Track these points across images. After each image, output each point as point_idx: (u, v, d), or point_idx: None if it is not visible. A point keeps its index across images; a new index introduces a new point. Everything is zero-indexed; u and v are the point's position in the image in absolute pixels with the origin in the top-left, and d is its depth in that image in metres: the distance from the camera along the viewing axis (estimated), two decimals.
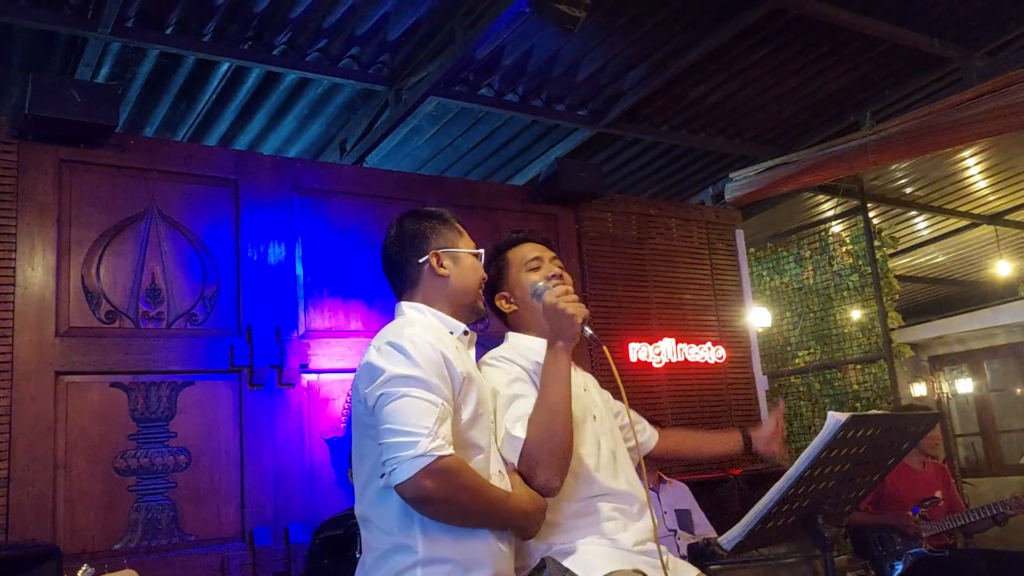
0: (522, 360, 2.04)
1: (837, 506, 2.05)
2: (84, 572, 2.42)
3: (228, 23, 4.15)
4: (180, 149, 4.29)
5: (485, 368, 2.03)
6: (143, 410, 3.65)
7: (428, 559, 1.69)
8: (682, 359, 5.29)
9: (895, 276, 6.58)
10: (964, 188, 7.24)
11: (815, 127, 5.98)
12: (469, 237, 2.07)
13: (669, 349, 5.25)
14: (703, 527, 4.04)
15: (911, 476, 4.18)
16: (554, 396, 1.85)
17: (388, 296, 2.05)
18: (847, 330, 6.53)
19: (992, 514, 4.00)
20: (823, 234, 6.79)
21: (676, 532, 3.88)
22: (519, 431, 1.85)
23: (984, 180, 7.11)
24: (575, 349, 1.94)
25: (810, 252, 6.87)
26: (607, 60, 4.86)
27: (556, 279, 2.11)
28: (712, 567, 3.20)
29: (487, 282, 2.10)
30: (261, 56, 4.38)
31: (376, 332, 1.86)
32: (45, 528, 3.34)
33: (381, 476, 1.70)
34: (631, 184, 6.61)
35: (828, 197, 6.67)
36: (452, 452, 1.65)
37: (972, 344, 9.97)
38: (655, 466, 4.03)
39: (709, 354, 5.43)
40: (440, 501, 1.64)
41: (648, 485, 2.08)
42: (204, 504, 3.69)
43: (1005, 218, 8.13)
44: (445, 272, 1.97)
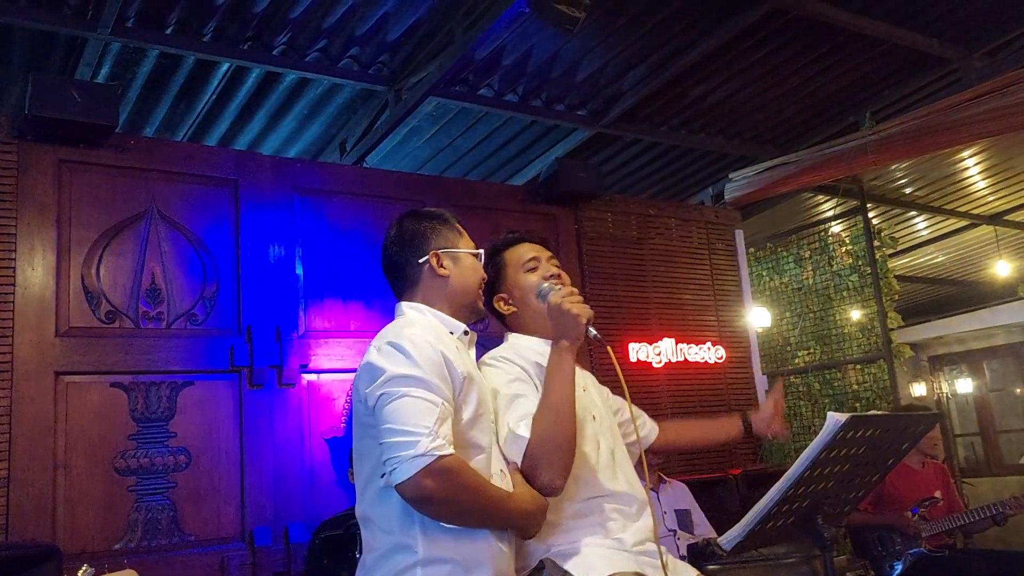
0: (522, 360, 2.03)
1: (837, 506, 2.05)
2: (84, 572, 2.42)
3: (228, 23, 4.15)
4: (180, 149, 4.29)
5: (485, 368, 2.02)
6: (143, 410, 3.65)
7: (428, 559, 1.69)
8: (682, 359, 5.30)
9: (895, 276, 6.57)
10: (963, 188, 7.24)
11: (815, 127, 5.98)
12: (469, 237, 2.07)
13: (669, 349, 5.26)
14: (703, 527, 4.04)
15: (910, 476, 4.18)
16: (558, 396, 1.85)
17: (388, 296, 2.05)
18: (847, 330, 6.53)
19: (991, 514, 4.00)
20: (823, 234, 6.79)
21: (676, 532, 3.89)
22: (523, 430, 1.84)
23: (983, 180, 7.11)
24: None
25: (810, 252, 6.86)
26: (607, 60, 4.86)
27: (554, 279, 2.11)
28: (712, 567, 3.20)
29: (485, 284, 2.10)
30: (261, 56, 4.39)
31: (376, 332, 1.86)
32: (45, 528, 3.34)
33: (382, 476, 1.70)
34: (631, 184, 6.61)
35: (828, 197, 6.67)
36: (452, 452, 1.65)
37: (971, 344, 9.98)
38: (655, 466, 4.03)
39: (709, 354, 5.43)
40: (440, 501, 1.64)
41: (648, 485, 2.08)
42: (204, 504, 3.70)
43: (1004, 218, 8.13)
44: (445, 272, 1.97)
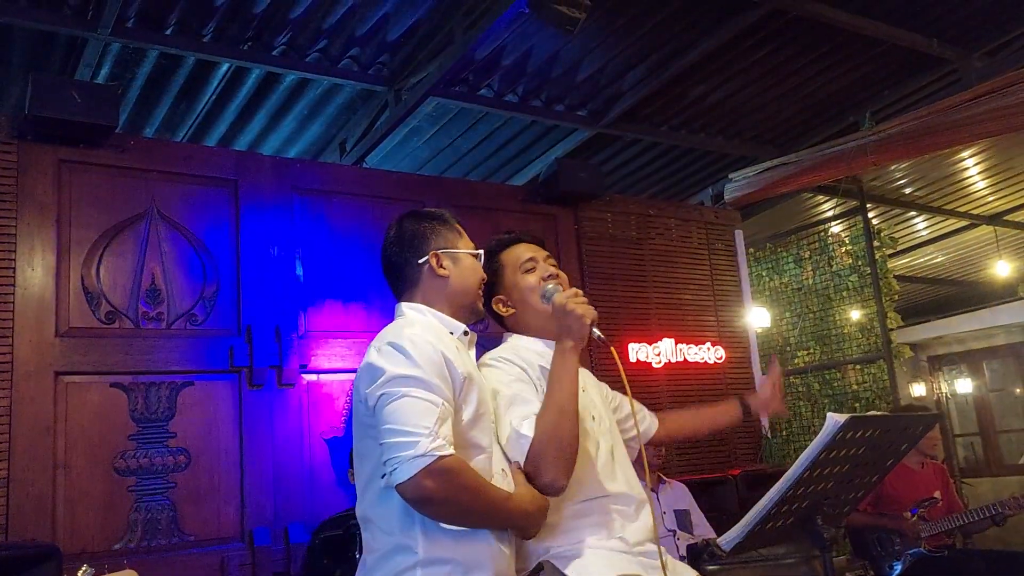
0: (521, 361, 2.03)
1: (836, 507, 2.06)
2: (84, 572, 2.42)
3: (228, 24, 4.15)
4: (180, 149, 4.29)
5: (485, 368, 2.02)
6: (143, 410, 3.65)
7: (428, 560, 1.69)
8: (681, 359, 5.30)
9: (894, 276, 6.56)
10: (963, 189, 7.24)
11: (814, 127, 5.98)
12: (468, 238, 2.07)
13: (668, 349, 5.26)
14: (702, 528, 4.04)
15: (910, 476, 4.18)
16: (562, 396, 1.86)
17: (387, 296, 2.05)
18: (846, 330, 6.52)
19: (991, 514, 4.00)
20: (822, 234, 6.78)
21: (675, 533, 3.88)
22: (527, 429, 1.85)
23: (983, 180, 7.11)
24: None
25: (809, 252, 6.86)
26: (607, 60, 4.86)
27: (552, 278, 2.11)
28: (711, 567, 3.20)
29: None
30: (261, 57, 4.39)
31: (376, 332, 1.86)
32: (45, 528, 3.34)
33: (382, 476, 1.71)
34: (630, 184, 6.61)
35: (827, 198, 6.66)
36: (453, 452, 1.65)
37: (971, 344, 9.98)
38: (656, 467, 4.03)
39: (708, 354, 5.43)
40: (441, 501, 1.64)
41: (648, 485, 2.08)
42: (204, 504, 3.70)
43: (1004, 218, 8.13)
44: (445, 273, 1.97)
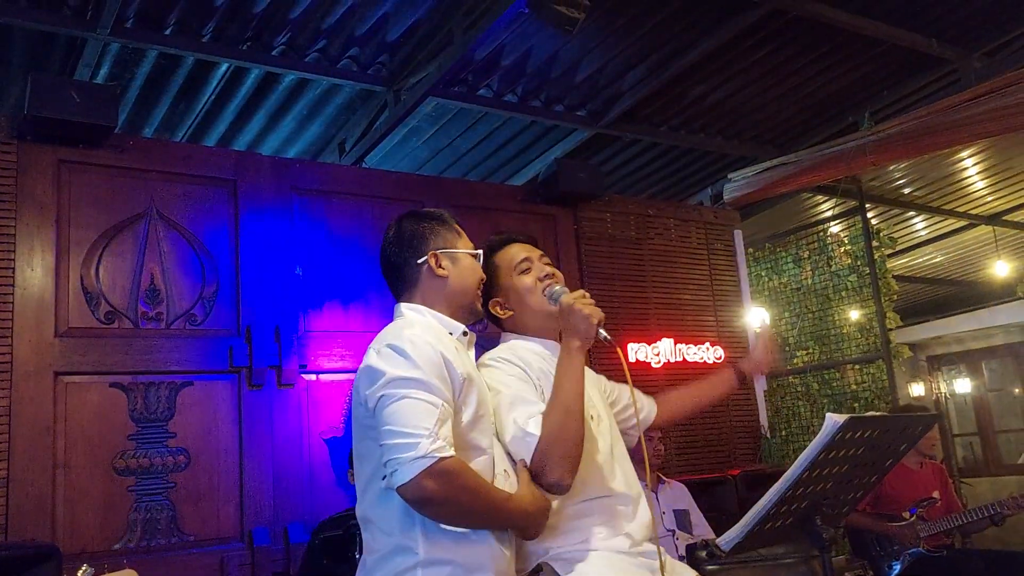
0: (520, 361, 2.03)
1: (835, 507, 2.06)
2: (84, 572, 2.42)
3: (227, 24, 4.15)
4: (179, 150, 4.29)
5: (484, 369, 2.02)
6: (142, 410, 3.65)
7: (429, 560, 1.69)
8: (681, 359, 5.31)
9: (893, 276, 6.56)
10: (962, 189, 7.25)
11: (814, 127, 5.98)
12: (468, 238, 2.07)
13: (668, 349, 5.27)
14: (701, 528, 4.04)
15: (909, 476, 4.19)
16: (568, 395, 1.86)
17: (387, 296, 2.05)
18: (845, 330, 6.52)
19: (990, 514, 4.00)
20: (821, 234, 6.78)
21: (674, 532, 3.88)
22: (533, 428, 1.85)
23: (982, 181, 7.11)
24: None
25: (808, 252, 6.86)
26: (606, 60, 4.86)
27: (549, 278, 2.11)
28: (711, 567, 3.21)
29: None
30: (260, 57, 4.38)
31: (375, 332, 1.86)
32: (44, 528, 3.34)
33: (382, 478, 1.71)
34: (630, 184, 6.61)
35: (827, 198, 6.66)
36: (453, 453, 1.66)
37: (970, 344, 9.99)
38: (656, 467, 4.03)
39: (708, 354, 5.44)
40: (441, 502, 1.64)
41: (648, 485, 2.08)
42: (203, 504, 3.70)
43: (1003, 218, 8.13)
44: (444, 273, 1.97)
